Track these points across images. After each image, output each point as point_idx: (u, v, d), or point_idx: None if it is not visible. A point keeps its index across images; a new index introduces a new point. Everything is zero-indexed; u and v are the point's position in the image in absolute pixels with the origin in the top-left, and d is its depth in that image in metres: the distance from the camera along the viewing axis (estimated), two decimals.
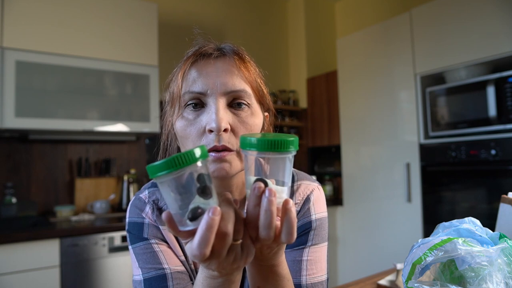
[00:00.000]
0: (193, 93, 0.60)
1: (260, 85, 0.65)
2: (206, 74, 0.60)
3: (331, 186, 3.32)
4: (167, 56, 2.83)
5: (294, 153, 0.47)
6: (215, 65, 0.61)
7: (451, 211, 2.30)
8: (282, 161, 0.47)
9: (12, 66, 2.08)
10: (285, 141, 0.45)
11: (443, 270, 0.58)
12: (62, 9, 2.25)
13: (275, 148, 0.45)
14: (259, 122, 0.64)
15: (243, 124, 0.60)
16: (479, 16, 2.14)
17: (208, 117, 0.58)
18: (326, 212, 0.75)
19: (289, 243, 0.47)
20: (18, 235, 1.83)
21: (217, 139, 0.57)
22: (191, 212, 0.43)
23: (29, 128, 2.14)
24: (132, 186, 2.60)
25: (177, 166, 0.41)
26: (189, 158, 0.42)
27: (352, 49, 2.96)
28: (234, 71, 0.61)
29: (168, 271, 0.64)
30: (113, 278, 2.07)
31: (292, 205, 0.46)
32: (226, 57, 0.62)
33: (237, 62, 0.62)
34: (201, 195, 0.44)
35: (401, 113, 2.56)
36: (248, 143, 0.46)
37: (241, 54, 0.64)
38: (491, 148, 2.05)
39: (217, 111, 0.57)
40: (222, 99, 0.59)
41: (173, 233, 0.44)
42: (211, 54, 0.62)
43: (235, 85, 0.60)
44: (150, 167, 0.42)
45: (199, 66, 0.61)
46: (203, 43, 0.65)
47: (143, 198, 0.71)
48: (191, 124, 0.60)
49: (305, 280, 0.67)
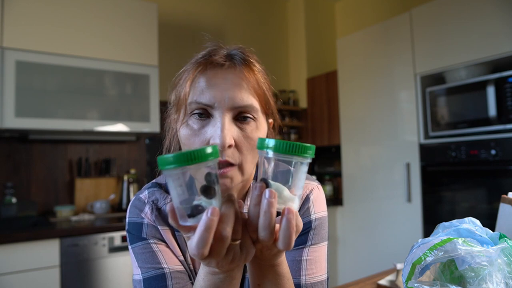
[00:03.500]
0: (200, 104, 0.59)
1: (268, 96, 0.64)
2: (214, 86, 0.59)
3: (331, 186, 3.32)
4: (167, 56, 2.83)
5: (309, 160, 0.47)
6: (225, 77, 0.59)
7: (451, 211, 2.30)
8: (296, 166, 0.47)
9: (12, 66, 2.08)
10: (302, 146, 0.45)
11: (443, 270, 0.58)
12: (62, 9, 2.25)
13: (291, 151, 0.45)
14: (263, 136, 0.64)
15: (247, 139, 0.59)
16: (479, 16, 2.14)
17: (213, 131, 0.57)
18: (326, 212, 0.75)
19: (286, 250, 0.47)
20: (18, 235, 1.83)
21: (220, 154, 0.56)
22: (191, 209, 0.44)
23: (29, 128, 2.14)
24: (132, 186, 2.60)
25: (188, 162, 0.42)
26: (201, 155, 0.42)
27: (352, 49, 2.96)
28: (243, 85, 0.60)
29: (167, 270, 0.64)
30: (113, 278, 2.07)
31: (292, 215, 0.45)
32: (236, 68, 0.61)
33: (247, 74, 0.61)
34: (204, 194, 0.44)
35: (401, 113, 2.56)
36: (265, 144, 0.46)
37: (251, 64, 0.63)
38: (491, 148, 2.05)
39: (222, 126, 0.56)
40: (228, 113, 0.58)
41: (174, 225, 0.45)
42: (221, 65, 0.60)
43: (243, 100, 0.59)
44: (161, 158, 0.42)
45: (209, 76, 0.60)
46: (213, 49, 0.64)
47: (143, 199, 0.71)
48: (195, 134, 0.59)
49: (305, 280, 0.67)
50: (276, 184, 0.47)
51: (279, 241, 0.46)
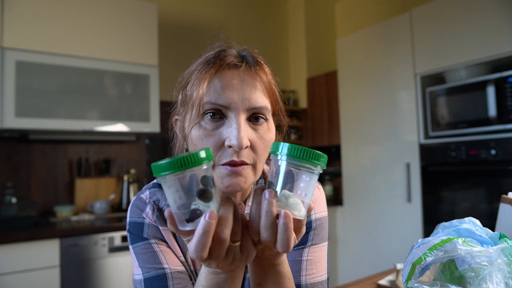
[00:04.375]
0: (215, 105, 0.58)
1: (277, 97, 0.65)
2: (231, 87, 0.58)
3: (331, 186, 3.32)
4: (167, 56, 2.83)
5: (320, 170, 0.47)
6: (240, 78, 0.59)
7: (451, 211, 2.30)
8: (308, 174, 0.47)
9: (12, 66, 2.08)
10: (316, 153, 0.45)
11: (443, 270, 0.58)
12: (62, 9, 2.25)
13: (305, 157, 0.45)
14: (274, 136, 0.64)
15: (261, 140, 0.60)
16: (479, 16, 2.14)
17: (229, 132, 0.57)
18: (326, 212, 0.76)
19: (285, 253, 0.47)
20: (18, 235, 1.83)
21: (236, 155, 0.56)
22: (189, 214, 0.44)
23: (29, 128, 2.14)
24: (132, 186, 2.60)
25: (182, 167, 0.41)
26: (194, 160, 0.42)
27: (352, 49, 2.96)
28: (257, 85, 0.60)
29: (168, 270, 0.64)
30: (113, 278, 2.07)
31: (289, 219, 0.45)
32: (251, 70, 0.61)
33: (261, 74, 0.61)
34: (200, 198, 0.44)
35: (401, 113, 2.56)
36: (280, 148, 0.46)
37: (262, 65, 0.63)
38: (491, 148, 2.05)
39: (239, 127, 0.56)
40: (243, 114, 0.58)
41: (173, 230, 0.45)
42: (237, 65, 0.60)
43: (258, 102, 0.59)
44: (154, 165, 0.42)
45: (225, 77, 0.59)
46: (222, 49, 0.63)
47: (144, 199, 0.71)
48: (209, 135, 0.58)
49: (305, 280, 0.67)
50: (283, 191, 0.47)
51: (278, 244, 0.46)
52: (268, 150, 0.61)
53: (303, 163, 0.46)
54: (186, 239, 0.46)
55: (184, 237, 0.46)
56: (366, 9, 3.48)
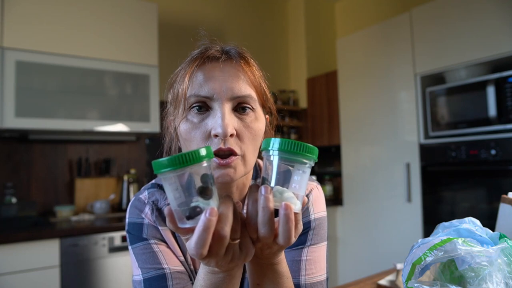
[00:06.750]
0: (199, 97, 0.59)
1: (264, 88, 0.66)
2: (213, 78, 0.60)
3: (331, 186, 3.32)
4: (167, 56, 2.83)
5: (312, 163, 0.47)
6: (222, 69, 0.61)
7: (451, 211, 2.30)
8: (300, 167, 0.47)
9: (12, 66, 2.08)
10: (307, 146, 0.46)
11: (443, 270, 0.58)
12: (62, 9, 2.25)
13: (296, 150, 0.45)
14: (262, 127, 0.65)
15: (248, 129, 0.60)
16: (479, 16, 2.14)
17: (214, 122, 0.58)
18: (325, 212, 0.75)
19: (287, 245, 0.47)
20: (18, 235, 1.83)
21: (222, 143, 0.57)
22: (189, 211, 0.44)
23: (29, 128, 2.14)
24: (132, 186, 2.60)
25: (182, 164, 0.42)
26: (195, 157, 0.42)
27: (352, 49, 2.96)
28: (240, 76, 0.61)
29: (168, 271, 0.64)
30: (113, 278, 2.07)
31: (290, 210, 0.45)
32: (232, 61, 0.62)
33: (243, 66, 0.62)
34: (201, 195, 0.44)
35: (401, 113, 2.56)
36: (271, 143, 0.47)
37: (246, 58, 0.64)
38: (491, 148, 2.05)
39: (223, 116, 0.57)
40: (228, 104, 0.59)
41: (172, 228, 0.45)
42: (218, 58, 0.62)
43: (241, 90, 0.60)
44: (155, 162, 0.43)
45: (206, 70, 0.61)
46: (208, 45, 0.65)
47: (143, 199, 0.71)
48: (196, 127, 0.60)
49: (304, 280, 0.67)
50: (277, 186, 0.47)
51: (279, 236, 0.46)
52: (257, 140, 0.62)
53: (295, 157, 0.46)
54: (185, 238, 0.46)
55: (183, 235, 0.46)
56: (366, 9, 3.48)
